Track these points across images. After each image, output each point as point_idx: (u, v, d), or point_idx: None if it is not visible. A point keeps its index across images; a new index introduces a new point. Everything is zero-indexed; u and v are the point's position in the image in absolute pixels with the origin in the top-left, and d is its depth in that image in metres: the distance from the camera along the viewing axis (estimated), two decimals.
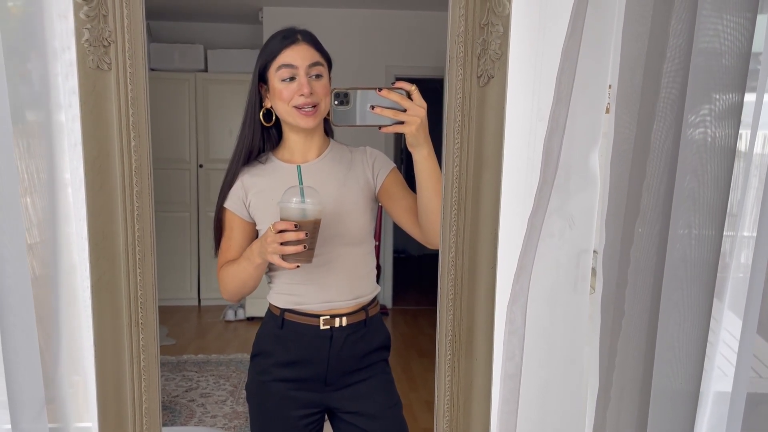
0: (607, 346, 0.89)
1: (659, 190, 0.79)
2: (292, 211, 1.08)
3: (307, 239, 1.07)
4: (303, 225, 1.07)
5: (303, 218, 1.08)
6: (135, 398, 0.96)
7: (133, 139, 0.90)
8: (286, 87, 1.18)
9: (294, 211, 1.08)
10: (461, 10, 0.89)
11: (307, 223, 1.07)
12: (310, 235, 1.08)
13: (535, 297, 0.97)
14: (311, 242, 1.09)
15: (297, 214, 1.07)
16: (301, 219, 1.07)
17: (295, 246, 1.07)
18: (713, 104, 0.72)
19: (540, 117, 0.99)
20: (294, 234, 1.06)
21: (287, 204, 1.08)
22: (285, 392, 1.28)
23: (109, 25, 0.86)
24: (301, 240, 1.06)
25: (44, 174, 0.96)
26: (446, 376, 1.00)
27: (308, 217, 1.08)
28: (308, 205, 1.08)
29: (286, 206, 1.08)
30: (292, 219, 1.07)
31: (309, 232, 1.07)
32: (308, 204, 1.08)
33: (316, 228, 1.10)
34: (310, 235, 1.08)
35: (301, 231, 1.06)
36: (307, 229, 1.07)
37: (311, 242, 1.09)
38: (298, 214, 1.08)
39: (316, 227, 1.10)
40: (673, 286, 0.77)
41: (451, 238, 0.97)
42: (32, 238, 0.95)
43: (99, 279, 0.93)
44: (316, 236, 1.11)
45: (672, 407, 0.80)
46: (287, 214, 1.08)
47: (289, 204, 1.08)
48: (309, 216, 1.08)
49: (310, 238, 1.08)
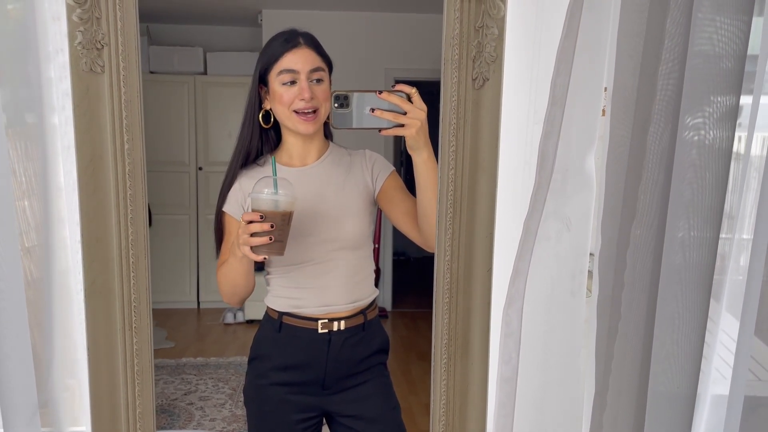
0: (603, 349, 0.89)
1: (655, 192, 0.79)
2: (262, 202, 1.05)
3: (275, 231, 1.04)
4: (270, 216, 1.04)
5: (274, 209, 1.05)
6: (129, 403, 0.96)
7: (126, 142, 0.90)
8: (286, 91, 1.18)
9: (264, 202, 1.05)
10: (456, 13, 0.89)
11: (275, 215, 1.05)
12: (279, 227, 1.05)
13: (531, 300, 0.97)
14: (280, 234, 1.06)
15: (266, 206, 1.05)
16: (271, 210, 1.05)
17: (261, 237, 1.04)
18: (710, 106, 0.72)
19: (535, 120, 0.99)
20: (259, 225, 1.03)
21: (258, 195, 1.06)
22: (283, 396, 1.27)
23: (102, 27, 0.86)
24: (267, 231, 1.03)
25: (40, 177, 0.96)
26: (442, 379, 1.00)
27: (279, 209, 1.05)
28: (279, 197, 1.06)
29: (256, 197, 1.06)
30: (262, 210, 1.04)
31: (276, 224, 1.04)
32: (279, 195, 1.06)
33: (285, 220, 1.07)
34: (278, 226, 1.05)
35: (266, 222, 1.03)
36: (274, 220, 1.04)
37: (280, 234, 1.06)
38: (267, 205, 1.05)
39: (286, 219, 1.07)
40: (669, 288, 0.77)
41: (447, 242, 0.97)
42: (30, 242, 0.95)
43: (92, 283, 0.93)
44: (286, 229, 1.08)
45: (669, 410, 0.80)
46: (257, 205, 1.06)
47: (260, 195, 1.06)
48: (280, 207, 1.05)
49: (279, 230, 1.05)
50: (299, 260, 1.22)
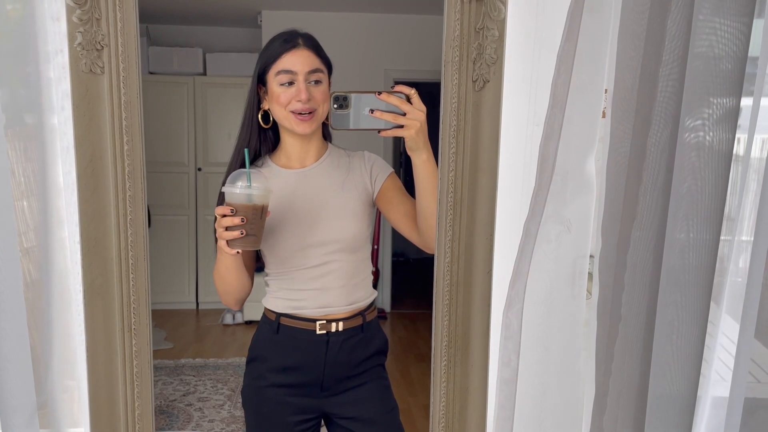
0: (603, 351, 0.89)
1: (656, 194, 0.79)
2: (234, 195, 1.04)
3: (247, 225, 1.04)
4: (242, 210, 1.04)
5: (246, 203, 1.05)
6: (128, 404, 0.96)
7: (126, 143, 0.89)
8: (284, 91, 1.18)
9: (235, 196, 1.04)
10: (456, 15, 0.89)
11: (246, 208, 1.04)
12: (251, 221, 1.05)
13: (531, 302, 0.96)
14: (252, 228, 1.05)
15: (238, 199, 1.04)
16: (243, 203, 1.04)
17: (233, 232, 1.04)
18: (710, 108, 0.72)
19: (536, 121, 0.99)
20: (230, 219, 1.03)
21: (230, 189, 1.05)
22: (281, 398, 1.27)
23: (102, 28, 0.86)
24: (238, 225, 1.03)
25: (39, 177, 0.96)
26: (442, 381, 1.00)
27: (251, 202, 1.04)
28: (252, 190, 1.05)
29: (228, 190, 1.05)
30: (234, 203, 1.04)
31: (248, 218, 1.04)
32: (252, 189, 1.05)
33: (257, 214, 1.06)
34: (249, 220, 1.04)
35: (236, 216, 1.03)
36: (245, 214, 1.04)
37: (252, 228, 1.05)
38: (239, 198, 1.04)
39: (257, 213, 1.06)
40: (669, 290, 0.77)
41: (447, 243, 0.97)
42: (29, 242, 0.94)
43: (92, 284, 0.93)
44: (260, 222, 1.07)
45: (669, 413, 0.79)
46: (229, 199, 1.05)
47: (233, 189, 1.05)
48: (252, 201, 1.04)
49: (251, 224, 1.05)
50: (297, 262, 1.22)
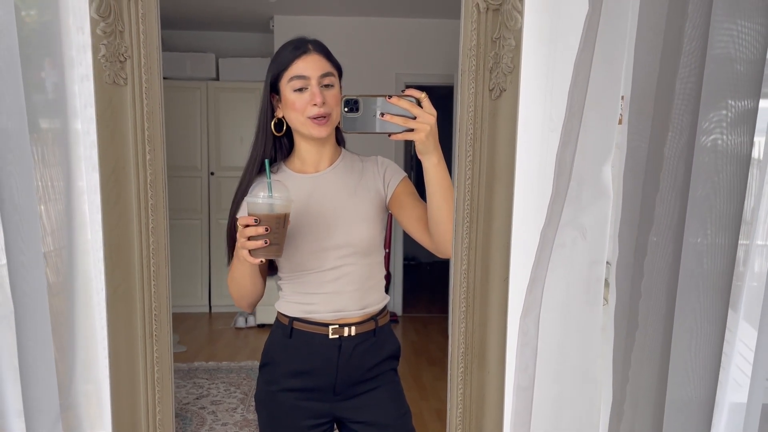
0: (620, 358, 0.89)
1: (673, 199, 0.79)
2: (257, 206, 1.07)
3: (270, 234, 1.06)
4: (265, 220, 1.06)
5: (269, 212, 1.06)
6: (149, 409, 0.97)
7: (148, 153, 0.91)
8: (298, 98, 1.19)
9: (258, 205, 1.07)
10: (473, 24, 0.89)
11: (269, 218, 1.06)
12: (274, 230, 1.07)
13: (548, 309, 0.97)
14: (276, 237, 1.07)
15: (261, 209, 1.07)
16: (266, 213, 1.06)
17: (256, 242, 1.06)
18: (727, 111, 0.71)
19: (552, 129, 0.99)
20: (254, 229, 1.05)
21: (252, 199, 1.08)
22: (294, 402, 1.28)
23: (126, 40, 0.87)
24: (262, 235, 1.05)
25: (60, 182, 0.97)
26: (458, 388, 1.00)
27: (273, 212, 1.07)
28: (274, 200, 1.07)
29: (251, 201, 1.08)
30: (257, 213, 1.06)
31: (272, 227, 1.06)
32: (274, 199, 1.07)
33: (280, 223, 1.08)
34: (273, 230, 1.06)
35: (260, 226, 1.05)
36: (268, 224, 1.06)
37: (276, 237, 1.07)
38: (262, 208, 1.07)
39: (280, 222, 1.08)
40: (687, 296, 0.76)
41: (463, 251, 0.97)
42: (46, 247, 0.96)
43: (115, 291, 0.94)
44: (282, 231, 1.09)
45: (687, 419, 0.79)
46: (252, 209, 1.07)
47: (255, 199, 1.07)
48: (274, 210, 1.07)
49: (275, 233, 1.07)
50: (311, 266, 1.23)
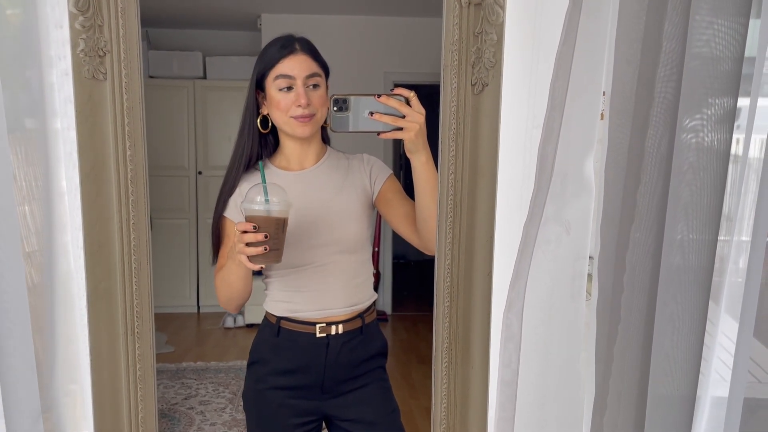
0: (603, 352, 0.89)
1: (654, 195, 0.79)
2: (255, 211, 1.03)
3: (269, 240, 1.03)
4: (264, 225, 1.02)
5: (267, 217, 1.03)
6: (131, 407, 0.96)
7: (128, 149, 0.90)
8: (283, 97, 1.18)
9: (256, 211, 1.03)
10: (455, 19, 0.89)
11: (269, 223, 1.03)
12: (273, 235, 1.03)
13: (531, 304, 0.97)
14: (275, 242, 1.04)
15: (259, 214, 1.03)
16: (264, 218, 1.02)
17: (256, 248, 1.02)
18: (708, 109, 0.72)
19: (535, 124, 0.99)
20: (253, 236, 1.01)
21: (250, 204, 1.04)
22: (282, 400, 1.27)
23: (105, 35, 0.87)
24: (261, 241, 1.02)
25: (41, 182, 0.96)
26: (443, 383, 1.00)
27: (272, 216, 1.03)
28: (272, 205, 1.03)
29: (248, 206, 1.04)
30: (255, 219, 1.03)
31: (271, 233, 1.03)
32: (272, 204, 1.03)
33: (279, 227, 1.04)
34: (272, 235, 1.03)
35: (260, 232, 1.01)
36: (268, 230, 1.02)
37: (275, 242, 1.04)
38: (260, 213, 1.03)
39: (280, 226, 1.05)
40: (668, 291, 0.77)
41: (447, 246, 0.97)
42: (30, 247, 0.95)
43: (95, 288, 0.93)
44: (282, 236, 1.06)
45: (669, 413, 0.80)
46: (250, 214, 1.04)
47: (252, 204, 1.03)
48: (273, 215, 1.03)
49: (274, 238, 1.03)
50: (297, 264, 1.22)
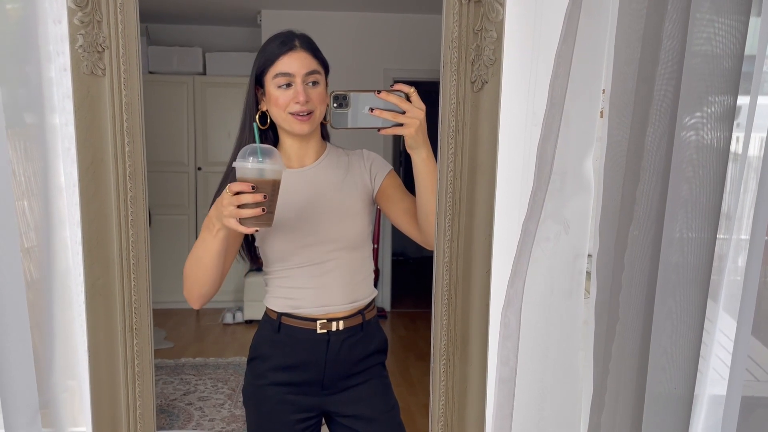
0: (601, 350, 0.89)
1: (653, 193, 0.79)
2: (249, 171, 0.99)
3: (266, 202, 0.99)
4: (261, 186, 0.98)
5: (261, 178, 0.99)
6: (129, 403, 0.96)
7: (127, 145, 0.90)
8: (282, 94, 1.18)
9: (251, 171, 0.99)
10: (455, 16, 0.89)
11: (265, 184, 0.99)
12: (269, 198, 1.00)
13: (529, 301, 0.97)
14: (270, 205, 1.00)
15: (254, 174, 0.99)
16: (258, 179, 0.99)
17: (252, 209, 0.99)
18: (707, 107, 0.72)
19: (534, 122, 0.99)
20: (251, 196, 0.97)
21: (244, 163, 0.99)
22: (282, 396, 1.28)
23: (103, 30, 0.86)
24: (259, 203, 0.98)
25: (40, 177, 0.96)
26: (441, 380, 1.00)
27: (266, 178, 1.00)
28: (266, 165, 1.00)
29: (242, 165, 0.99)
30: (252, 179, 0.99)
31: (268, 194, 0.99)
32: (266, 163, 1.00)
33: (275, 189, 1.01)
34: (269, 197, 0.99)
35: (258, 193, 0.98)
36: (265, 190, 0.98)
37: (270, 205, 1.00)
38: (255, 174, 0.99)
39: (275, 188, 1.01)
40: (667, 289, 0.77)
41: (446, 243, 0.97)
42: (29, 242, 0.95)
43: (93, 284, 0.93)
44: (275, 199, 1.02)
45: (667, 411, 0.80)
46: (243, 174, 0.99)
47: (246, 163, 0.99)
48: (267, 176, 1.00)
49: (270, 201, 1.00)
50: (298, 260, 1.22)
